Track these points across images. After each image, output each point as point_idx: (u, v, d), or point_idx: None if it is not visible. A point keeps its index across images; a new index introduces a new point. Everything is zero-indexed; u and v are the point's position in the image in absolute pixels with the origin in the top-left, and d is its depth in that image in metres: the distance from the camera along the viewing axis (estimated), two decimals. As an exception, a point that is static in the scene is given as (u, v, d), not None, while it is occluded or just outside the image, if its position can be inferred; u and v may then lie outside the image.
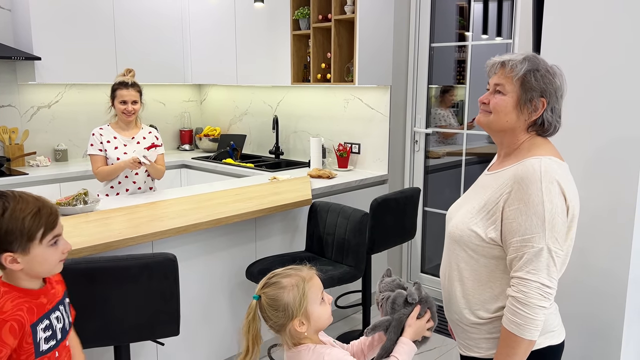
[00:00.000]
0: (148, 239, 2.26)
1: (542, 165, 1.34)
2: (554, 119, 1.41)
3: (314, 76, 3.73)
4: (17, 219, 1.28)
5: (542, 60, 1.42)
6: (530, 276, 1.32)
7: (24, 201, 1.30)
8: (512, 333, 1.35)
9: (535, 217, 1.31)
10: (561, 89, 1.40)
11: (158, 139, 3.23)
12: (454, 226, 1.49)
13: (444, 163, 3.95)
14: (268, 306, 1.39)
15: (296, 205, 2.88)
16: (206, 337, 2.76)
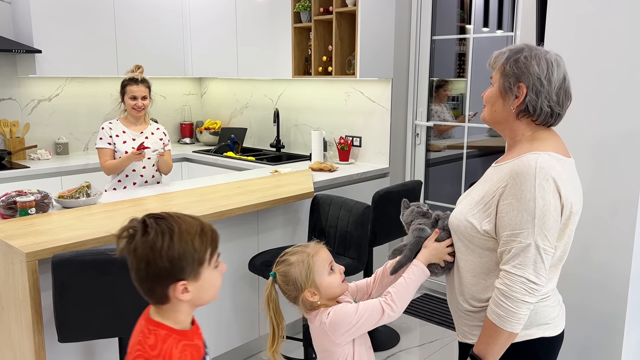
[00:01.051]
0: (152, 231, 2.26)
1: (538, 162, 1.34)
2: (540, 104, 1.38)
3: (315, 69, 3.72)
4: (187, 242, 1.11)
5: (534, 48, 1.41)
6: (516, 270, 1.33)
7: (184, 221, 1.14)
8: (494, 323, 1.37)
9: (526, 213, 1.32)
10: (546, 72, 1.38)
11: (166, 135, 3.29)
12: (453, 216, 1.52)
13: (445, 156, 3.96)
14: (281, 282, 1.53)
15: (298, 198, 2.88)
16: (210, 329, 2.77)
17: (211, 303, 2.78)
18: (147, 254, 1.08)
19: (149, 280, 1.11)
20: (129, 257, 1.10)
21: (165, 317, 1.16)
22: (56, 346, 2.17)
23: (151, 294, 1.14)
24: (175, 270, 1.10)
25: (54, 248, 1.96)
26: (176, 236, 1.09)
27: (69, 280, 1.82)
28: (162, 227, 1.09)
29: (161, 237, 1.08)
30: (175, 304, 1.15)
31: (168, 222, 1.11)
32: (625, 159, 1.89)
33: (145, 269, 1.09)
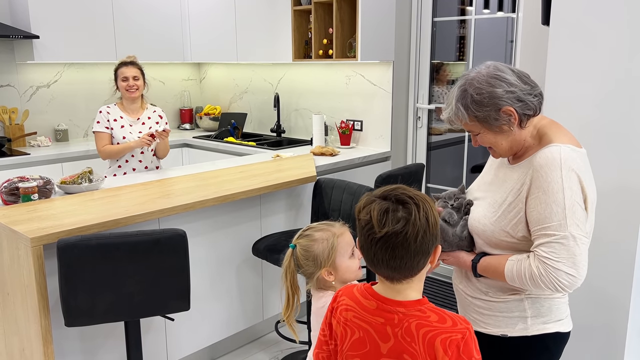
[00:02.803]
0: (156, 215, 2.26)
1: (562, 153, 1.32)
2: (528, 101, 1.35)
3: (315, 52, 3.69)
4: (434, 209, 1.14)
5: (469, 79, 1.36)
6: (553, 263, 1.30)
7: (413, 190, 1.15)
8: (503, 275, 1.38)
9: (555, 205, 1.30)
10: (503, 82, 1.34)
11: (162, 118, 3.26)
12: (476, 220, 1.47)
13: (447, 139, 3.95)
14: (301, 255, 1.52)
15: (301, 182, 2.88)
16: (214, 314, 2.78)
17: (216, 287, 2.76)
18: (423, 225, 1.09)
19: (419, 252, 1.10)
20: (398, 235, 1.08)
21: (414, 289, 1.16)
22: (63, 331, 2.18)
23: (414, 267, 1.13)
24: (438, 235, 1.14)
25: (58, 233, 1.96)
26: (430, 203, 1.12)
27: (74, 264, 1.81)
28: (421, 197, 1.12)
29: (429, 207, 1.11)
30: (422, 274, 1.17)
31: (414, 192, 1.13)
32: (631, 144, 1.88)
33: (421, 240, 1.09)
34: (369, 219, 1.11)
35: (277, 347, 3.01)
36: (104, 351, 2.35)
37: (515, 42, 3.41)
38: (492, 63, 1.38)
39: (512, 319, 1.45)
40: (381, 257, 1.11)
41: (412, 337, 1.12)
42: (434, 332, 1.11)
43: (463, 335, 1.10)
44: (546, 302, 1.44)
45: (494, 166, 1.56)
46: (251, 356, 2.95)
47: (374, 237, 1.10)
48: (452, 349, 1.09)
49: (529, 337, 1.44)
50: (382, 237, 1.09)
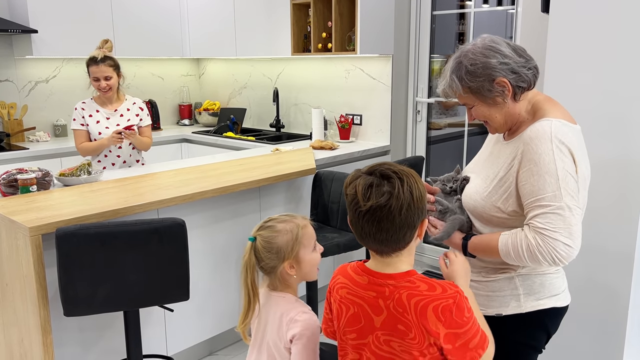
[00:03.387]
0: (155, 206, 2.25)
1: (552, 126, 1.32)
2: (523, 75, 1.35)
3: (314, 46, 3.69)
4: (420, 182, 1.17)
5: (464, 51, 1.36)
6: (549, 233, 1.28)
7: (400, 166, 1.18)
8: (498, 250, 1.37)
9: (548, 176, 1.29)
10: (498, 53, 1.33)
11: (143, 110, 3.17)
12: (468, 196, 1.47)
13: (446, 134, 3.94)
14: (262, 248, 1.41)
15: (301, 174, 2.87)
16: (213, 306, 2.77)
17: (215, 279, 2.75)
18: (407, 198, 1.12)
19: (404, 225, 1.14)
20: (382, 208, 1.12)
21: (404, 262, 1.20)
22: (62, 321, 2.17)
23: (400, 240, 1.16)
24: (423, 209, 1.17)
25: (57, 223, 1.95)
26: (417, 178, 1.16)
27: (73, 253, 1.81)
28: (406, 172, 1.15)
29: (413, 181, 1.14)
30: (411, 247, 1.20)
31: (400, 167, 1.16)
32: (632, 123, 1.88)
33: (406, 213, 1.13)
34: (354, 193, 1.15)
35: (277, 340, 3.00)
36: (103, 342, 2.35)
37: (515, 36, 3.41)
38: (488, 36, 1.38)
39: (504, 298, 1.45)
40: (368, 231, 1.15)
41: (404, 308, 1.15)
42: (425, 300, 1.14)
43: (454, 300, 1.13)
44: (537, 279, 1.43)
45: (490, 144, 1.56)
46: (251, 349, 2.94)
47: (360, 211, 1.14)
48: (444, 314, 1.12)
49: (524, 315, 1.43)
50: (367, 210, 1.13)
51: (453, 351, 1.14)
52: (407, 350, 1.16)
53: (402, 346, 1.17)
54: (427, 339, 1.14)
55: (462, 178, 1.53)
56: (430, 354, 1.16)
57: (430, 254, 3.94)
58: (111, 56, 3.00)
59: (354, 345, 1.24)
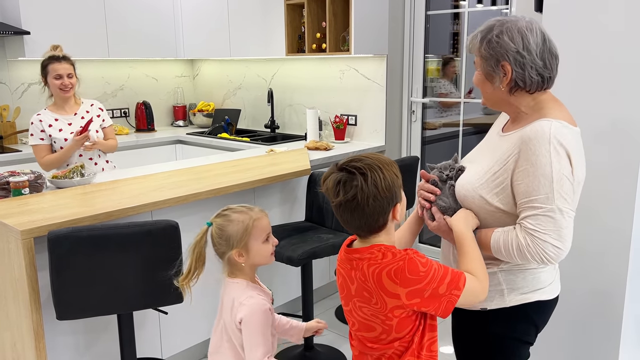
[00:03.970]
0: (148, 208, 2.24)
1: (552, 128, 1.31)
2: (528, 75, 1.35)
3: (308, 46, 3.68)
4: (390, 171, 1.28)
5: (505, 21, 1.36)
6: (540, 235, 1.30)
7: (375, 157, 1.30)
8: (490, 247, 1.39)
9: (543, 178, 1.30)
10: (522, 43, 1.34)
11: (103, 111, 3.08)
12: (461, 185, 1.47)
13: (441, 134, 3.94)
14: (215, 234, 1.56)
15: (295, 175, 2.86)
16: (208, 308, 2.75)
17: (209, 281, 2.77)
18: (372, 191, 1.24)
19: (375, 213, 1.26)
20: (351, 202, 1.25)
21: (382, 241, 1.31)
22: (55, 325, 2.15)
23: (374, 225, 1.29)
24: (393, 196, 1.27)
25: (49, 225, 1.93)
26: (384, 169, 1.26)
27: (65, 256, 1.79)
28: (372, 166, 1.25)
29: (377, 173, 1.25)
30: (389, 227, 1.32)
31: (369, 161, 1.27)
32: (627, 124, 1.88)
33: (373, 203, 1.24)
34: (325, 189, 1.29)
35: (273, 342, 2.99)
36: (97, 345, 2.33)
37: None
38: (534, 21, 1.38)
39: (489, 293, 1.44)
40: (344, 219, 1.30)
41: (366, 277, 1.29)
42: (379, 267, 1.26)
43: (404, 261, 1.25)
44: (520, 274, 1.44)
45: (492, 134, 1.56)
46: (246, 351, 2.92)
47: (333, 204, 1.29)
48: (398, 276, 1.24)
49: (508, 309, 1.45)
50: (338, 204, 1.27)
51: (424, 303, 1.25)
52: (375, 314, 1.30)
53: (370, 311, 1.30)
54: (387, 304, 1.26)
55: (458, 167, 1.53)
56: (397, 317, 1.27)
57: (426, 254, 3.93)
58: (69, 57, 2.94)
59: (346, 311, 1.40)
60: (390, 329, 1.29)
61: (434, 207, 1.51)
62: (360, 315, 1.33)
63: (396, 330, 1.29)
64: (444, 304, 1.26)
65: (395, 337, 1.30)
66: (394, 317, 1.27)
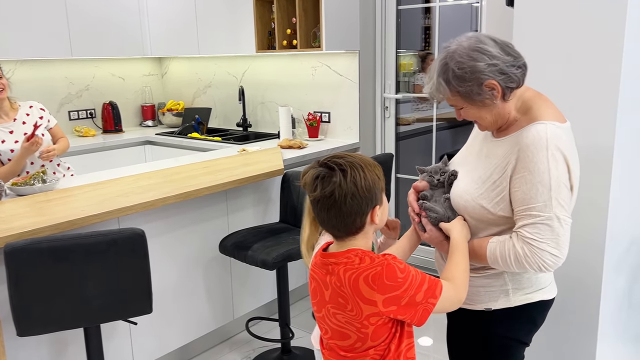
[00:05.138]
0: (114, 215, 2.14)
1: (548, 132, 1.29)
2: (512, 74, 1.31)
3: (279, 43, 3.60)
4: (373, 172, 1.25)
5: (450, 52, 1.31)
6: (537, 244, 1.29)
7: (359, 157, 1.26)
8: (485, 257, 1.38)
9: (541, 185, 1.28)
10: (486, 56, 1.29)
11: (45, 110, 2.88)
12: (458, 196, 1.44)
13: (415, 129, 3.92)
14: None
15: (268, 175, 2.79)
16: (182, 315, 2.68)
17: (182, 288, 2.68)
18: (351, 189, 1.19)
19: (352, 213, 1.22)
20: (328, 198, 1.20)
21: (359, 245, 1.27)
22: (17, 340, 2.05)
23: (351, 225, 1.25)
24: (372, 198, 1.23)
25: (6, 237, 1.83)
26: (365, 169, 1.22)
27: (24, 270, 1.69)
28: (353, 164, 1.22)
29: (358, 172, 1.21)
30: (366, 231, 1.27)
31: (351, 159, 1.23)
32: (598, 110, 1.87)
33: (351, 202, 1.20)
34: (304, 184, 1.25)
35: (249, 347, 2.93)
36: (64, 359, 2.23)
37: (480, 30, 3.39)
38: (473, 34, 1.33)
39: (494, 293, 1.45)
40: (322, 217, 1.25)
41: (341, 282, 1.24)
42: (356, 272, 1.22)
43: (382, 266, 1.20)
44: (525, 274, 1.44)
45: (478, 138, 1.51)
46: (222, 356, 2.86)
47: (311, 200, 1.25)
48: (375, 282, 1.20)
49: (513, 309, 1.44)
50: (316, 200, 1.23)
51: (400, 310, 1.21)
52: (350, 322, 1.25)
53: (345, 318, 1.26)
54: (363, 311, 1.21)
55: (450, 173, 1.49)
56: (373, 324, 1.23)
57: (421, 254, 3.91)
58: None
59: (318, 318, 1.35)
60: (366, 337, 1.24)
61: (424, 220, 1.49)
62: (334, 322, 1.28)
63: (372, 338, 1.24)
64: (419, 312, 1.22)
65: (370, 345, 1.25)
66: (369, 324, 1.23)
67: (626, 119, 1.88)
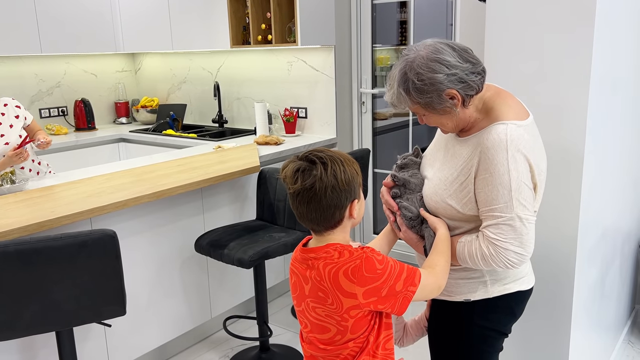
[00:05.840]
0: (85, 216, 2.10)
1: (508, 134, 1.30)
2: (471, 81, 1.31)
3: (254, 38, 3.56)
4: (352, 167, 1.27)
5: (409, 62, 1.30)
6: (501, 244, 1.33)
7: (338, 152, 1.29)
8: (457, 258, 1.41)
9: (501, 187, 1.30)
10: (445, 66, 1.29)
11: (20, 107, 2.80)
12: (428, 197, 1.46)
13: (391, 124, 3.92)
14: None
15: (244, 172, 2.76)
16: (158, 315, 2.64)
17: (158, 288, 2.65)
18: (331, 181, 1.21)
19: (331, 205, 1.23)
20: (308, 190, 1.21)
21: (337, 239, 1.29)
22: (-14, 347, 2.00)
23: (330, 219, 1.26)
24: (351, 191, 1.25)
25: (-28, 241, 1.77)
26: (345, 163, 1.24)
27: (-9, 274, 1.64)
28: (333, 158, 1.23)
29: (338, 166, 1.23)
30: (345, 225, 1.29)
31: (331, 153, 1.25)
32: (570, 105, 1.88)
33: (331, 195, 1.22)
34: (284, 177, 1.25)
35: (227, 345, 2.91)
36: (36, 365, 2.18)
37: (455, 24, 3.40)
38: (431, 42, 1.33)
39: (472, 284, 1.47)
40: (299, 212, 1.26)
41: (321, 277, 1.25)
42: (335, 267, 1.23)
43: (361, 259, 1.22)
44: None
45: (444, 136, 1.52)
46: (200, 356, 2.83)
47: (290, 194, 1.25)
48: (355, 275, 1.22)
49: (491, 299, 1.47)
50: (296, 192, 1.23)
51: (380, 301, 1.23)
52: (330, 315, 1.26)
53: (325, 312, 1.27)
54: (343, 304, 1.23)
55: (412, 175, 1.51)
56: (353, 317, 1.24)
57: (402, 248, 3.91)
58: None
59: (298, 312, 1.36)
60: (346, 330, 1.26)
61: (399, 219, 1.51)
62: (314, 316, 1.30)
63: (351, 330, 1.26)
64: (399, 300, 1.25)
65: (350, 337, 1.27)
66: (349, 317, 1.25)
67: (597, 114, 1.90)
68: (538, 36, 1.91)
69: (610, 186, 2.22)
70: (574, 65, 1.85)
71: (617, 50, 2.08)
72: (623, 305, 2.75)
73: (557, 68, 1.88)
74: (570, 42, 1.84)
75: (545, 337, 2.08)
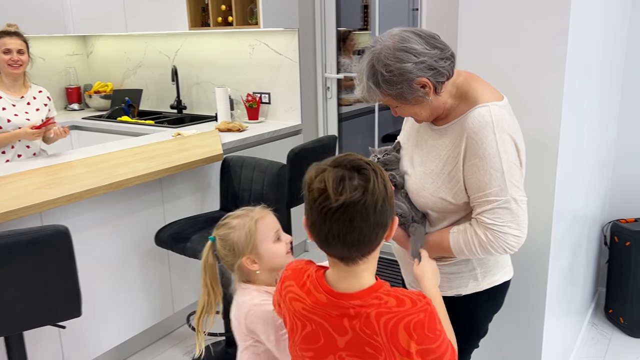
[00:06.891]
0: (34, 210, 1.94)
1: (492, 115, 1.27)
2: (440, 68, 1.27)
3: (213, 19, 3.41)
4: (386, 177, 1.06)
5: (376, 54, 1.25)
6: (498, 228, 1.29)
7: None
8: (450, 248, 1.37)
9: (494, 170, 1.27)
10: (413, 55, 1.24)
11: (50, 100, 2.97)
12: (416, 192, 1.41)
13: (357, 110, 3.85)
14: (220, 246, 1.41)
15: (206, 161, 2.64)
16: (118, 312, 2.50)
17: (116, 284, 2.50)
18: (382, 193, 0.99)
19: (378, 224, 1.00)
20: (356, 204, 0.97)
21: (369, 269, 1.06)
22: None
23: (373, 241, 1.02)
24: (394, 206, 1.05)
25: None
26: (383, 170, 1.04)
27: None
28: (376, 165, 1.03)
29: (384, 174, 1.03)
30: (377, 251, 1.06)
31: (367, 159, 1.04)
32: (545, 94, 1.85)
33: (380, 210, 0.99)
34: (323, 187, 0.98)
35: (191, 341, 2.80)
36: (-17, 372, 2.02)
37: (421, 9, 3.34)
38: (397, 32, 1.27)
39: (463, 279, 1.46)
40: (337, 232, 0.98)
41: (373, 329, 1.02)
42: (395, 318, 1.01)
43: (425, 313, 1.02)
44: (492, 257, 1.45)
45: (415, 127, 1.47)
46: (163, 352, 2.71)
47: (329, 209, 0.97)
48: (416, 331, 1.01)
49: (481, 293, 1.46)
50: (339, 207, 0.97)
51: None
52: None
53: None
54: None
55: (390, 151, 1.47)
56: None
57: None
58: (22, 33, 2.78)
59: None
60: None
61: None
62: None
63: None
64: None
65: None
66: None
67: (572, 101, 1.88)
68: (513, 23, 1.86)
69: (581, 172, 2.22)
70: (549, 54, 1.82)
71: (593, 37, 2.06)
72: (588, 289, 2.79)
73: (533, 56, 1.84)
74: (546, 29, 1.81)
75: (520, 324, 2.07)
